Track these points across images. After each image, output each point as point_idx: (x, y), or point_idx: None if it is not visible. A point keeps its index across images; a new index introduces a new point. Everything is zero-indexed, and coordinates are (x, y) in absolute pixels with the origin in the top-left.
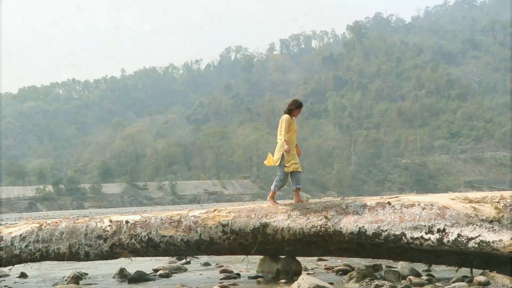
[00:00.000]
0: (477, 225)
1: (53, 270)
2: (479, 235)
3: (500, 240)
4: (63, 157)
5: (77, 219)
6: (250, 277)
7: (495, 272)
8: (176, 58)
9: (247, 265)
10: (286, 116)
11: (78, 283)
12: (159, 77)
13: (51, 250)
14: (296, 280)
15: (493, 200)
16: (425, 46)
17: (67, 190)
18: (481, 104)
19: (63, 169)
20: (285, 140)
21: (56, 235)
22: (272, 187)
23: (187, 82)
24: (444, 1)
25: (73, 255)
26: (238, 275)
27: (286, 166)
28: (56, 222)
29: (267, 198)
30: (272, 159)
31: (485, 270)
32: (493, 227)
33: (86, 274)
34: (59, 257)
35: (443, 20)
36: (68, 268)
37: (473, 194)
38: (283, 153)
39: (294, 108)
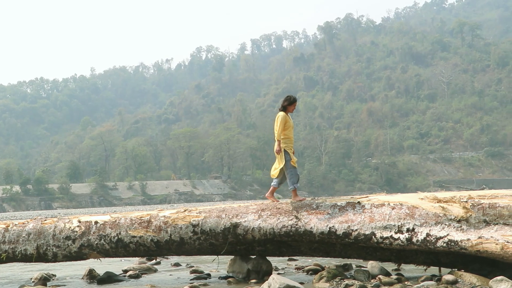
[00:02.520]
0: (445, 224)
1: (20, 272)
2: (448, 235)
3: (468, 239)
4: (31, 156)
5: (45, 220)
6: (220, 277)
7: (463, 271)
8: (147, 57)
9: (217, 265)
10: (281, 113)
11: (45, 285)
12: (129, 76)
13: (18, 251)
14: (267, 280)
15: (461, 200)
16: (395, 47)
17: (35, 191)
18: (450, 105)
19: (31, 169)
20: (278, 140)
21: (23, 236)
22: (290, 187)
23: (157, 81)
24: (414, 3)
25: (40, 256)
26: (209, 275)
27: (291, 159)
28: (23, 223)
29: (292, 199)
30: (279, 164)
31: (453, 269)
32: (461, 227)
33: (54, 275)
34: (26, 258)
35: (412, 21)
36: (35, 269)
37: (441, 194)
38: (285, 150)
39: (289, 104)
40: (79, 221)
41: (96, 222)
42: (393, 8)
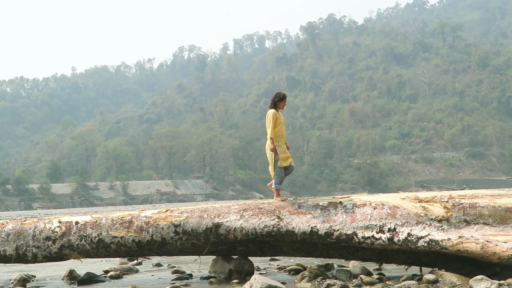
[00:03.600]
0: (426, 224)
1: None
2: (429, 234)
3: (449, 239)
4: (11, 156)
5: (25, 220)
6: (202, 278)
7: (443, 270)
8: (128, 57)
9: (199, 265)
10: (272, 111)
11: (25, 286)
12: (111, 76)
13: None
14: (249, 280)
15: (442, 200)
16: (377, 48)
17: (14, 191)
18: (431, 106)
19: (11, 169)
20: (271, 137)
21: (2, 237)
22: (273, 186)
23: (139, 81)
24: (396, 4)
25: (20, 257)
26: (191, 275)
27: (279, 160)
28: (3, 224)
29: (274, 199)
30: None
31: (434, 269)
32: (442, 226)
33: (34, 276)
34: (5, 259)
35: (394, 22)
36: (14, 270)
37: (423, 194)
38: (275, 148)
39: (279, 100)
40: (60, 222)
41: (76, 223)
42: (375, 9)
